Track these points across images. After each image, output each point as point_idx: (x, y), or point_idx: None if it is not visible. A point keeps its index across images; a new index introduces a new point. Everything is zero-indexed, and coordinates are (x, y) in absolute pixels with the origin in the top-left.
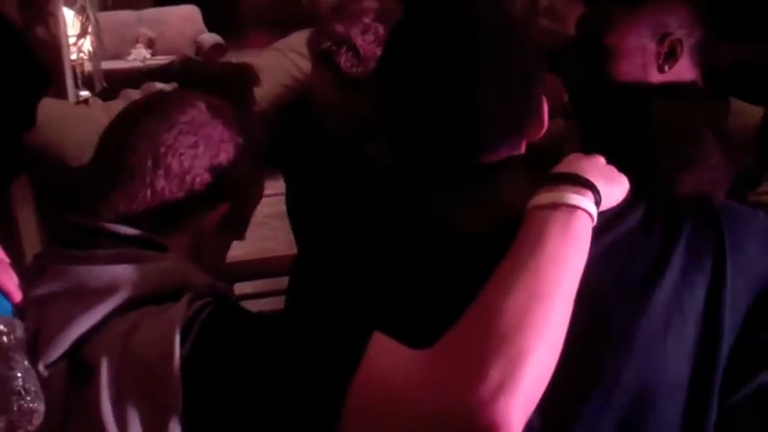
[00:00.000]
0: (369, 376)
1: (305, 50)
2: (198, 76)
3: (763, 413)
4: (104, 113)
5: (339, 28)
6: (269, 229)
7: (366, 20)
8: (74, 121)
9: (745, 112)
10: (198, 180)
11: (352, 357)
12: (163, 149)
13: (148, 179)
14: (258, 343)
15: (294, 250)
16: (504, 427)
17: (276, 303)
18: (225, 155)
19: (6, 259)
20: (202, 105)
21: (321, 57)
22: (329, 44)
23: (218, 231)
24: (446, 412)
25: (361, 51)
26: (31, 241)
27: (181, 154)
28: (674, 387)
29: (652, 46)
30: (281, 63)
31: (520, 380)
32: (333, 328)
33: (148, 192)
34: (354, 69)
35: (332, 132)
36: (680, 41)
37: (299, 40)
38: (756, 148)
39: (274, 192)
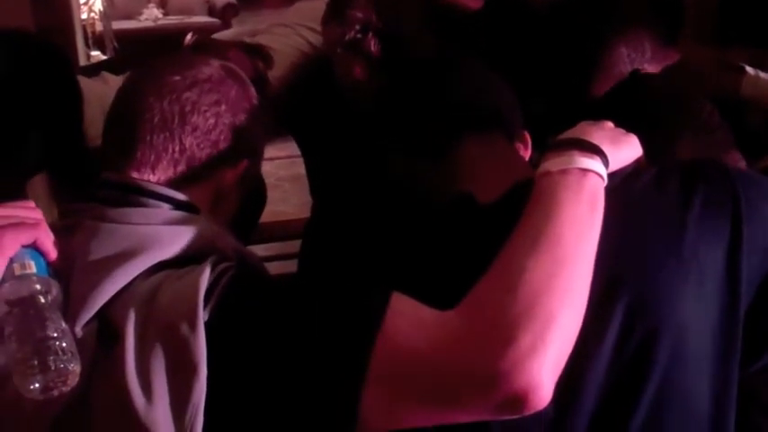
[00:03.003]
0: (391, 336)
1: (314, 24)
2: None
3: None
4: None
5: (358, 14)
6: (282, 191)
7: None
8: (91, 98)
9: (758, 83)
10: (222, 137)
11: (374, 319)
12: (188, 107)
13: (177, 135)
14: (278, 308)
15: (307, 213)
16: (534, 391)
17: (288, 266)
18: (243, 113)
19: (42, 217)
20: (217, 64)
21: (349, 47)
22: (353, 33)
23: (236, 189)
24: (476, 376)
25: (387, 31)
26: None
27: (205, 111)
28: (697, 343)
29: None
30: (292, 42)
31: (549, 343)
32: (352, 291)
33: (177, 147)
34: (385, 52)
35: (363, 108)
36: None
37: (306, 12)
38: None
39: (287, 154)
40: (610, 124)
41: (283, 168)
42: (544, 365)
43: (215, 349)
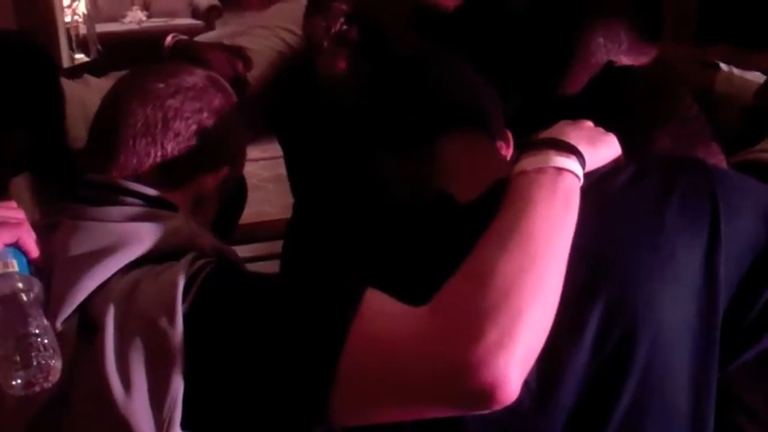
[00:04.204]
0: (363, 330)
1: (292, 26)
2: (191, 61)
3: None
4: (93, 93)
5: (343, 6)
6: (265, 192)
7: None
8: (73, 100)
9: (732, 79)
10: (204, 144)
11: (347, 313)
12: (171, 113)
13: (159, 141)
14: (255, 303)
15: (289, 214)
16: (501, 386)
17: (271, 267)
18: (225, 122)
19: (24, 217)
20: (201, 74)
21: (335, 40)
22: (339, 26)
23: (216, 193)
24: (443, 370)
25: (372, 24)
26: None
27: (188, 118)
28: (675, 342)
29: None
30: (271, 43)
31: (516, 339)
32: (327, 286)
33: (159, 153)
34: (370, 45)
35: (345, 105)
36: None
37: (284, 14)
38: (751, 112)
39: (270, 155)
40: (589, 123)
41: (266, 169)
42: (512, 361)
43: (193, 342)
